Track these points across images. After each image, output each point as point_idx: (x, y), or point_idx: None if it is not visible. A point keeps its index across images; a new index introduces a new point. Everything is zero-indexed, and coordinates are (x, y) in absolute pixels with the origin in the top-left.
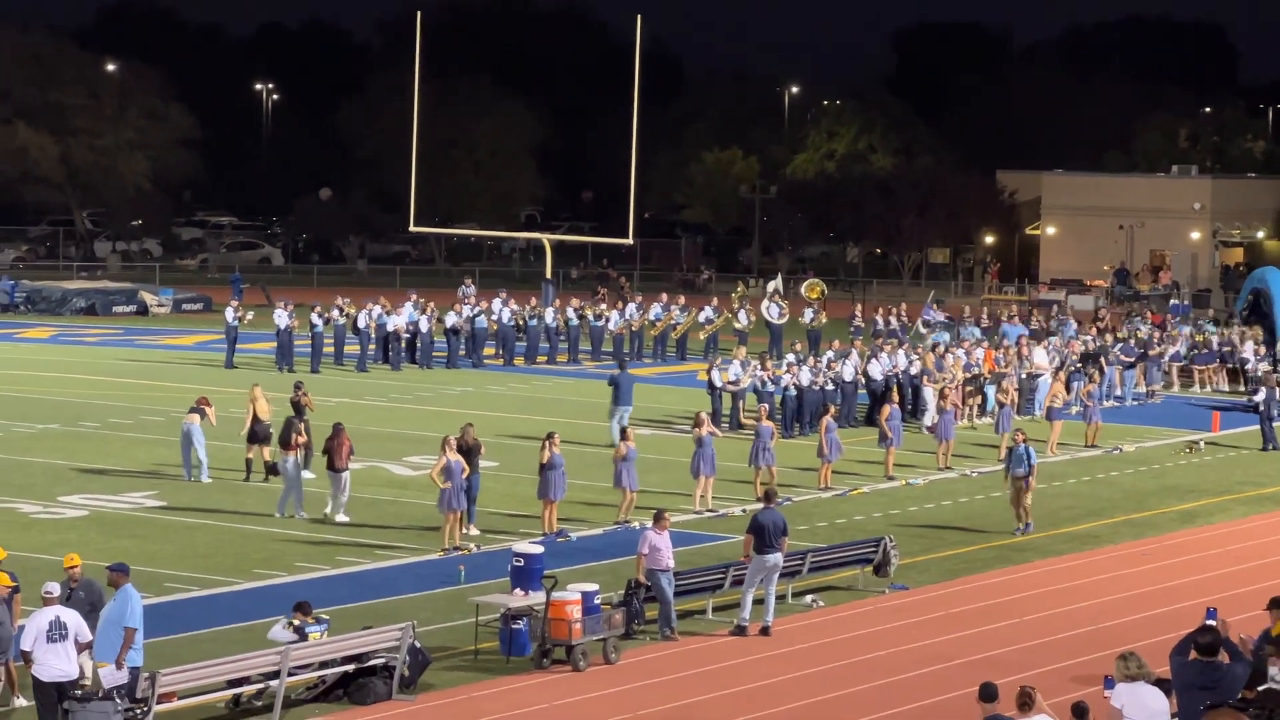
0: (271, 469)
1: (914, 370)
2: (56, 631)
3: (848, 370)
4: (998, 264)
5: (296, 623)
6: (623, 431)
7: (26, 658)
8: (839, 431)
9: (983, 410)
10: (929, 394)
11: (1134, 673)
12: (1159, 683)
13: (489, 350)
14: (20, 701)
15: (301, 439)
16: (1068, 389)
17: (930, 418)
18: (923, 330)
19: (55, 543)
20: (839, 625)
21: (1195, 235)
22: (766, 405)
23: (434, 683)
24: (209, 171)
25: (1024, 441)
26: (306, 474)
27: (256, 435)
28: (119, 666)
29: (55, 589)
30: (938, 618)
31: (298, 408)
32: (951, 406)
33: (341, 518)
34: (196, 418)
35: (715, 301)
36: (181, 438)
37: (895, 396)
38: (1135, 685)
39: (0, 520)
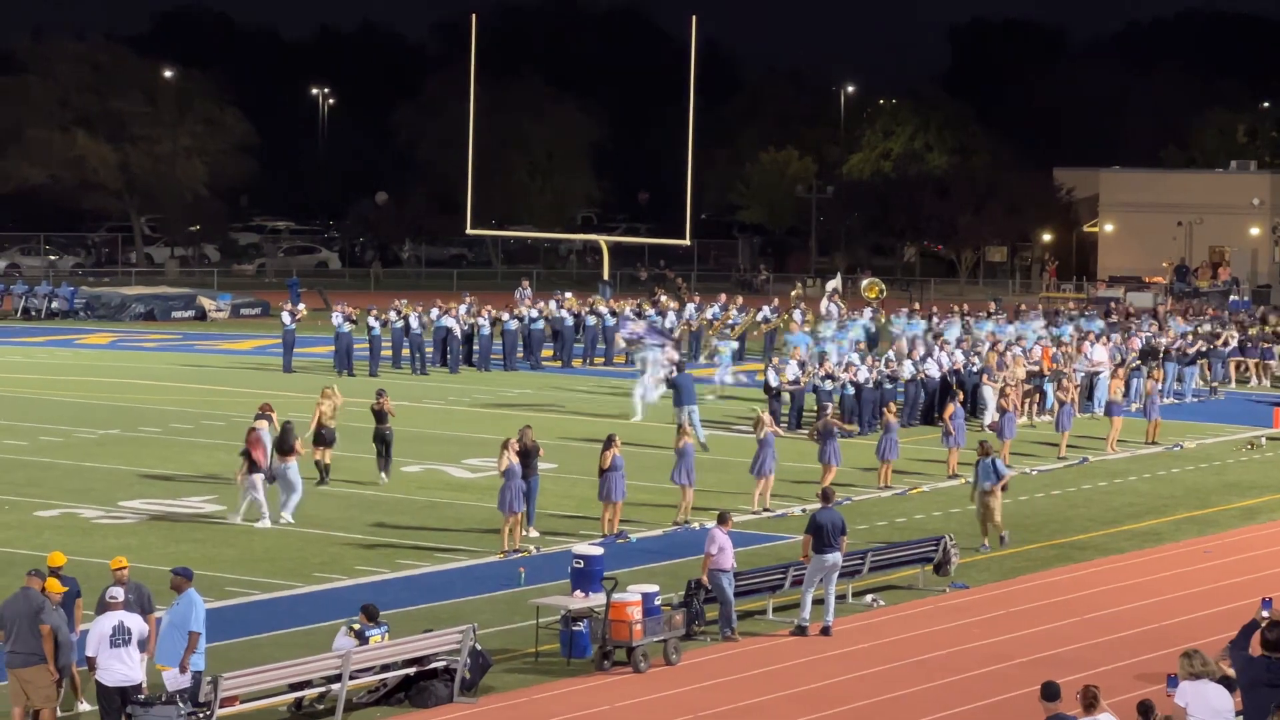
0: (270, 477)
1: (975, 368)
2: (120, 636)
3: (906, 369)
4: (1055, 262)
5: (357, 627)
6: (679, 429)
7: (90, 663)
8: (899, 431)
9: (1042, 408)
10: (989, 392)
11: (1198, 670)
12: (1224, 680)
13: (547, 352)
14: (84, 706)
15: (304, 449)
16: (1127, 386)
17: (991, 416)
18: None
19: (116, 547)
20: (899, 625)
21: (1254, 231)
22: (833, 406)
23: (495, 685)
24: (266, 176)
25: (991, 453)
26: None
27: (322, 438)
28: (182, 670)
29: (120, 594)
30: (999, 616)
31: (379, 414)
32: (1013, 406)
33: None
34: (264, 424)
35: (776, 301)
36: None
37: (960, 395)
38: (1199, 683)
39: (61, 525)
